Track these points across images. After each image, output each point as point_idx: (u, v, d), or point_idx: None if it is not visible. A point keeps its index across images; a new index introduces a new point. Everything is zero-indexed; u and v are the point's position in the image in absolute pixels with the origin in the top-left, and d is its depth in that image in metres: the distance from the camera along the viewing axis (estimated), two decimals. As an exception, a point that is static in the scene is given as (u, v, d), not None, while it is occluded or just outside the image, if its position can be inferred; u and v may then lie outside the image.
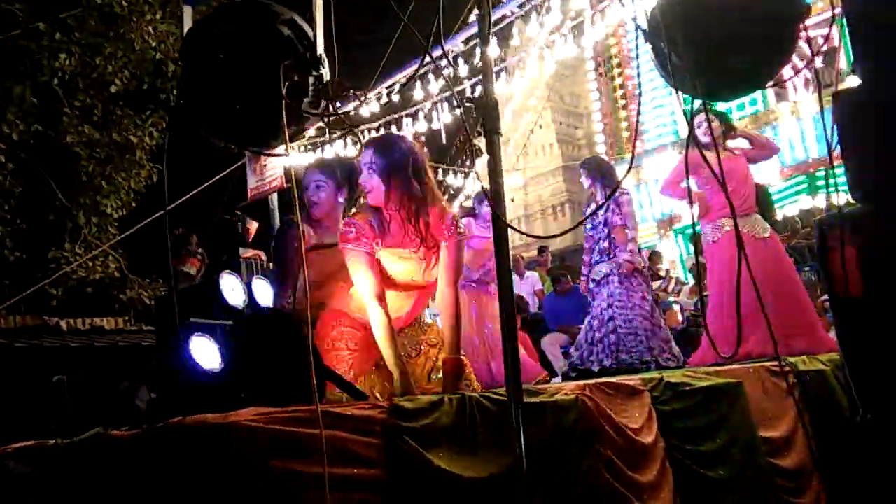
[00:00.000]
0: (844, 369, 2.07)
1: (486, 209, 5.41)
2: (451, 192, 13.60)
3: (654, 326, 4.78)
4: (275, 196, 7.93)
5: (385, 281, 2.60)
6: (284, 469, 1.69)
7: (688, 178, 4.08)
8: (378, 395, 2.61)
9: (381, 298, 2.52)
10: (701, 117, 3.86)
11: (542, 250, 9.09)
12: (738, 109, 10.93)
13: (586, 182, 5.07)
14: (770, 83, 2.05)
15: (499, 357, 4.78)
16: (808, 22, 2.04)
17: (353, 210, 2.70)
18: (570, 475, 2.24)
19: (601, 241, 4.97)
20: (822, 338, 4.12)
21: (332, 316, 2.74)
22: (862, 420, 1.96)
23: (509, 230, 2.08)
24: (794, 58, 2.18)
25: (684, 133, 12.39)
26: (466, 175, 13.18)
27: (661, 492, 2.52)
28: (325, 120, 1.91)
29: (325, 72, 1.84)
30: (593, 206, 5.14)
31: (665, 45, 1.86)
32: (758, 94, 10.60)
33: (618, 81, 14.81)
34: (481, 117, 1.88)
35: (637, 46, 2.02)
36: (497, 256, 2.06)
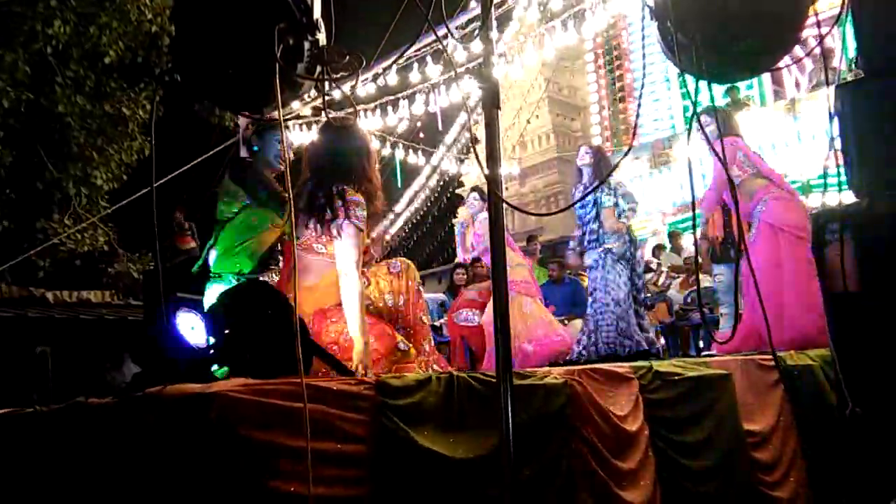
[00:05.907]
0: (834, 364, 2.05)
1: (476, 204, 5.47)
2: (447, 177, 13.58)
3: (624, 311, 4.73)
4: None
5: None
6: (266, 441, 1.66)
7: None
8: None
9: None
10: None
11: (531, 239, 8.95)
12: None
13: (586, 159, 4.98)
14: (774, 66, 2.02)
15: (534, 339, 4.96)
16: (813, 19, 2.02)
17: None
18: (554, 458, 2.23)
19: (591, 223, 4.94)
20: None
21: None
22: (850, 414, 1.94)
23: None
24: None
25: (681, 128, 12.35)
26: (462, 162, 13.16)
27: (641, 479, 2.51)
28: (320, 86, 1.87)
29: (322, 37, 1.79)
30: (580, 188, 5.10)
31: (671, 25, 1.83)
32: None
33: (616, 74, 14.74)
34: (481, 91, 1.84)
35: (643, 28, 1.98)
36: (492, 239, 2.03)
